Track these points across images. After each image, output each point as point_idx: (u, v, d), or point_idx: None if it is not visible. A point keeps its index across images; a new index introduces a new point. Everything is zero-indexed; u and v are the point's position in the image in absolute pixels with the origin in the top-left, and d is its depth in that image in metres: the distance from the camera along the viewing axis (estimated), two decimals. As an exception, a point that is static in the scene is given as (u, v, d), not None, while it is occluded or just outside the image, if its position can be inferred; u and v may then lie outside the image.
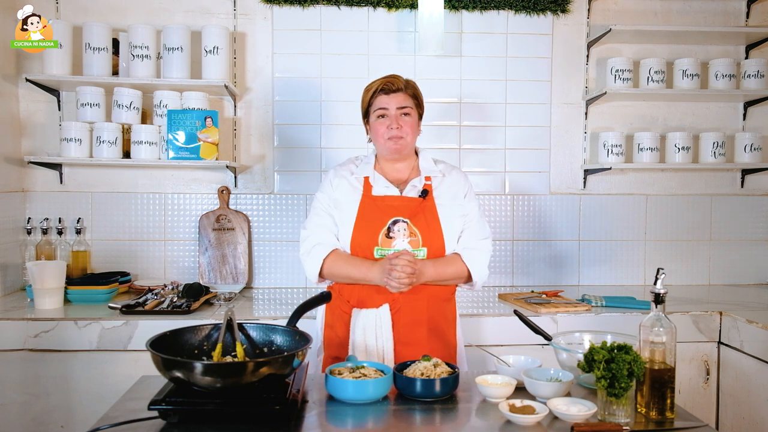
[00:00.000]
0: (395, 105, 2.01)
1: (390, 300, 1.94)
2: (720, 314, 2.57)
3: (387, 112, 2.01)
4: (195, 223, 3.03)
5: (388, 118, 2.01)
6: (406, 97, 2.03)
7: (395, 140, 2.00)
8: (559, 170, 3.19)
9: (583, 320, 2.52)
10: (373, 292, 1.95)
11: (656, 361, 1.45)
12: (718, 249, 3.26)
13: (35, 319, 2.34)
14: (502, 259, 3.17)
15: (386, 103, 2.01)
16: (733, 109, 3.25)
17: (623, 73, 3.00)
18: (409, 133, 2.02)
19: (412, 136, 2.04)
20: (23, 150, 2.96)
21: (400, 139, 2.00)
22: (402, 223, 1.95)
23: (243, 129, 3.07)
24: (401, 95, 2.02)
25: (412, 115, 2.03)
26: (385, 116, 2.01)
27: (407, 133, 2.01)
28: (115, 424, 1.37)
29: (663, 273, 1.50)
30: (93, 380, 2.34)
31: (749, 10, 3.20)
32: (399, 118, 2.00)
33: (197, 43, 2.86)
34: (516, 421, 1.40)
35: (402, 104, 2.01)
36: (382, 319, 1.93)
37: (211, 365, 1.39)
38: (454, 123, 3.13)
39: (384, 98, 2.02)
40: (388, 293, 1.93)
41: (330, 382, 1.53)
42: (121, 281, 2.80)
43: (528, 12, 3.11)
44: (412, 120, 2.03)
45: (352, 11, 3.06)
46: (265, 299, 2.84)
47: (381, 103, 2.02)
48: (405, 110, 2.01)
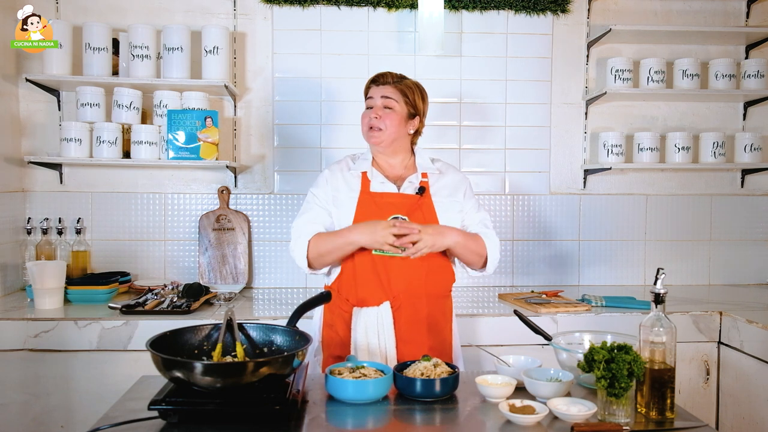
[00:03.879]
0: (379, 95, 2.03)
1: (390, 297, 1.95)
2: (720, 314, 2.57)
3: (372, 103, 2.05)
4: (195, 223, 3.03)
5: (372, 109, 2.04)
6: (394, 90, 2.03)
7: (372, 133, 2.02)
8: (559, 170, 3.19)
9: (583, 320, 2.52)
10: (373, 289, 1.95)
11: (656, 361, 1.45)
12: (718, 249, 3.26)
13: (35, 319, 2.34)
14: (502, 259, 3.16)
15: (373, 93, 2.05)
16: (733, 109, 3.25)
17: (623, 73, 3.00)
18: (389, 126, 2.01)
19: (393, 129, 2.02)
20: (23, 150, 2.96)
21: (378, 131, 2.01)
22: (401, 221, 1.96)
23: (243, 129, 3.07)
24: (389, 87, 2.04)
25: (396, 110, 2.02)
26: (371, 107, 2.05)
27: (386, 125, 2.01)
28: (115, 424, 1.37)
29: (663, 273, 1.50)
30: (93, 380, 2.34)
31: (749, 10, 3.20)
32: (379, 110, 2.02)
33: (197, 43, 2.86)
34: (516, 421, 1.40)
35: (386, 95, 2.02)
36: (384, 317, 1.93)
37: (211, 365, 1.39)
38: (454, 123, 3.13)
39: (373, 88, 2.06)
40: (387, 290, 1.94)
41: (330, 382, 1.53)
42: (121, 281, 2.80)
43: (528, 12, 3.11)
44: (395, 115, 2.02)
45: (352, 11, 3.06)
46: (265, 299, 2.84)
47: (370, 93, 2.07)
48: (387, 102, 2.02)
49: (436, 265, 2.00)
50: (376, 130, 2.01)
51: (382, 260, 1.95)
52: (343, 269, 2.02)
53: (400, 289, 1.95)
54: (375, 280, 1.96)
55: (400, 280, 1.95)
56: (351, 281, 1.99)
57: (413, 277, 1.96)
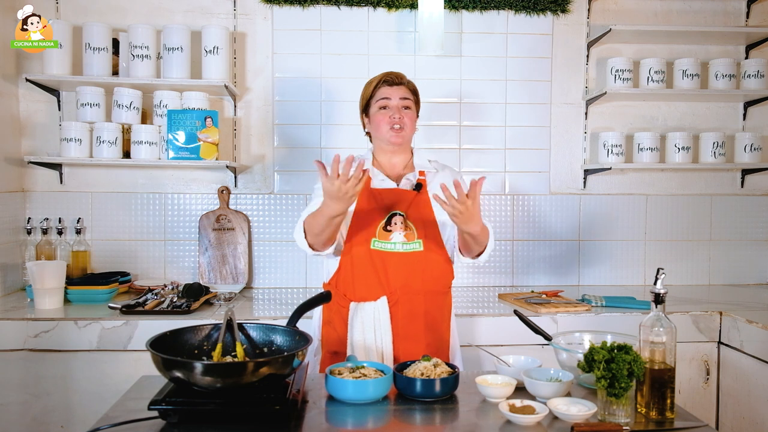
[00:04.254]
0: (398, 96, 2.05)
1: (388, 293, 1.95)
2: (720, 314, 2.57)
3: (389, 103, 2.05)
4: (195, 223, 3.03)
5: (390, 109, 2.05)
6: (408, 92, 2.09)
7: (397, 132, 2.03)
8: (559, 170, 3.19)
9: (583, 320, 2.52)
10: (370, 283, 1.96)
11: (656, 361, 1.45)
12: (718, 249, 3.26)
13: (35, 319, 2.34)
14: (502, 259, 3.17)
15: (389, 93, 2.06)
16: (733, 109, 3.25)
17: (623, 73, 3.00)
18: (409, 126, 2.07)
19: (411, 129, 2.09)
20: (23, 150, 2.96)
21: (401, 131, 2.04)
22: (399, 217, 1.99)
23: (243, 129, 3.07)
24: (403, 88, 2.08)
25: (413, 110, 2.09)
26: (386, 107, 2.05)
27: (408, 126, 2.06)
28: (115, 424, 1.37)
29: (663, 273, 1.49)
30: (93, 380, 2.34)
31: (749, 10, 3.20)
32: (401, 110, 2.04)
33: (197, 43, 2.86)
34: (516, 421, 1.40)
35: (404, 96, 2.07)
36: (381, 313, 1.94)
37: (211, 365, 1.38)
38: (454, 123, 3.13)
39: (387, 89, 2.06)
40: (385, 285, 1.95)
41: (330, 382, 1.53)
42: (121, 281, 2.80)
43: (528, 12, 3.11)
44: (413, 114, 2.10)
45: (352, 11, 3.06)
46: (265, 299, 2.84)
47: (384, 93, 2.06)
48: (406, 103, 2.06)
49: (434, 261, 2.01)
50: (399, 130, 2.04)
51: (380, 255, 1.96)
52: (341, 265, 2.02)
53: (398, 285, 1.96)
54: (373, 275, 1.97)
55: (397, 275, 1.96)
56: (349, 276, 1.99)
57: (411, 272, 1.96)
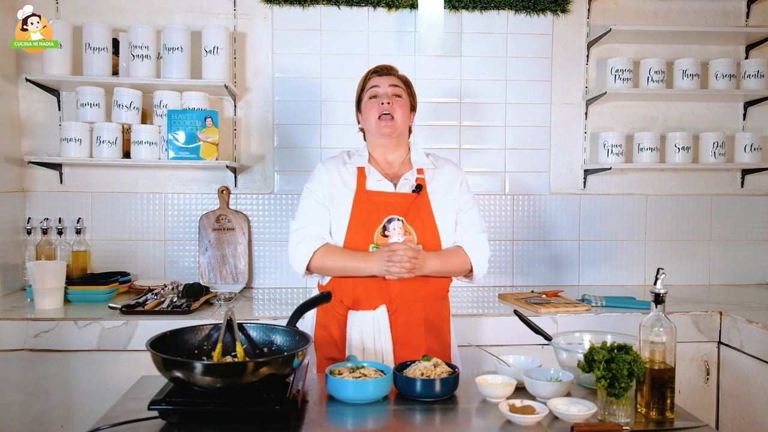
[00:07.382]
0: (387, 84, 2.02)
1: (387, 301, 1.91)
2: (720, 314, 2.57)
3: (378, 91, 2.02)
4: (195, 223, 3.03)
5: (380, 98, 2.01)
6: (398, 80, 2.06)
7: (386, 121, 1.99)
8: (559, 170, 3.19)
9: (583, 320, 2.52)
10: (369, 291, 1.92)
11: (656, 361, 1.45)
12: (718, 249, 3.26)
13: (35, 319, 2.34)
14: (502, 259, 3.18)
15: (378, 82, 2.04)
16: (733, 109, 3.25)
17: (623, 73, 3.00)
18: (401, 115, 2.01)
19: (403, 119, 2.03)
20: (23, 150, 2.96)
21: (391, 120, 1.99)
22: (397, 222, 1.93)
23: (243, 129, 3.07)
24: (393, 78, 2.05)
25: (404, 99, 2.04)
26: (377, 96, 2.02)
27: (398, 114, 2.00)
28: (115, 424, 1.37)
29: (663, 273, 1.49)
30: (93, 380, 2.34)
31: (749, 10, 3.20)
32: (390, 98, 2.01)
33: (197, 43, 2.86)
34: (516, 421, 1.40)
35: (394, 84, 2.03)
36: (380, 321, 1.90)
37: (211, 365, 1.38)
38: (454, 123, 3.13)
39: (376, 79, 2.05)
40: (384, 293, 1.91)
41: (330, 382, 1.53)
42: (121, 281, 2.80)
43: (528, 12, 3.11)
44: (404, 103, 2.03)
45: (352, 11, 3.06)
46: (265, 299, 2.84)
47: (373, 82, 2.04)
48: (396, 91, 2.03)
49: None
50: (388, 119, 1.99)
51: None
52: None
53: (397, 292, 1.92)
54: (371, 283, 1.92)
55: (396, 283, 1.91)
56: (347, 283, 1.94)
57: (410, 280, 1.90)
